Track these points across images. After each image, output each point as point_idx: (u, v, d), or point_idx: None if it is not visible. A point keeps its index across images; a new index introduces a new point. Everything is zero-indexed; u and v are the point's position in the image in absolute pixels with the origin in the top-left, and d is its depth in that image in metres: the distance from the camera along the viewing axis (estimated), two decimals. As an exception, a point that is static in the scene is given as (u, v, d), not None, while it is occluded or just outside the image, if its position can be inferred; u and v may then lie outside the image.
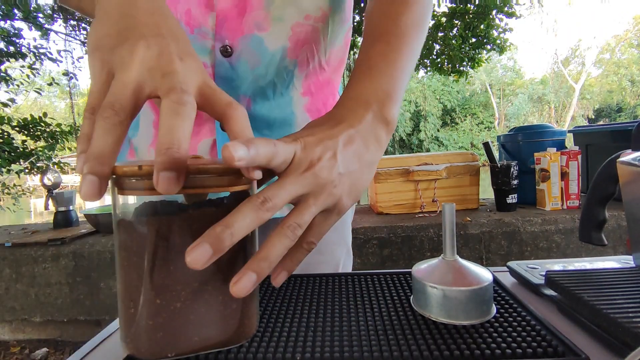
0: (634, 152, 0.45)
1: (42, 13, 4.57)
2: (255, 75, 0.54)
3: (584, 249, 1.58)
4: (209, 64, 0.53)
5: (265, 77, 0.55)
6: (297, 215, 0.33)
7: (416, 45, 0.48)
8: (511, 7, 5.13)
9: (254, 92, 0.56)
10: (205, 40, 0.52)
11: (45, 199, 1.95)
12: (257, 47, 0.53)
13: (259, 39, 0.52)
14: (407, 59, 0.45)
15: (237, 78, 0.54)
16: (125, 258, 0.32)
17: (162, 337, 0.31)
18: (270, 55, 0.54)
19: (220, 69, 0.53)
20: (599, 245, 0.51)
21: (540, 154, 1.66)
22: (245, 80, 0.55)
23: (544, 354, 0.31)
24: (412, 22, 0.47)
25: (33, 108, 23.54)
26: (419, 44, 0.49)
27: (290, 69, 0.56)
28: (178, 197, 0.32)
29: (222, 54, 0.52)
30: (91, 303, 1.73)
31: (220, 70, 0.53)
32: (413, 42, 0.47)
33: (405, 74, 0.45)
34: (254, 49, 0.53)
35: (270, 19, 0.52)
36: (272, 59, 0.54)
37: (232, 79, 0.54)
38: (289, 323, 0.39)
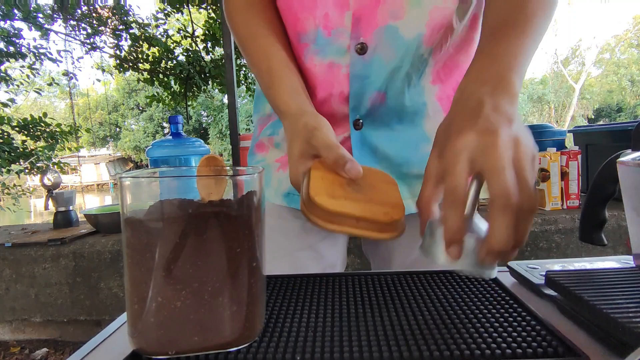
0: (634, 152, 0.45)
1: (42, 13, 4.57)
2: (390, 69, 0.55)
3: (584, 249, 1.58)
4: (344, 64, 0.56)
5: (400, 69, 0.55)
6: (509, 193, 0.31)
7: (541, 29, 0.47)
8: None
9: (388, 86, 0.56)
10: (341, 41, 0.54)
11: (45, 199, 1.95)
12: (391, 38, 0.53)
13: (393, 28, 0.52)
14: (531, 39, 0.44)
15: (372, 74, 0.55)
16: (130, 255, 0.32)
17: (163, 334, 0.32)
18: (406, 45, 0.53)
19: (355, 67, 0.55)
20: (599, 245, 0.51)
21: (540, 153, 1.67)
22: (380, 76, 0.55)
23: (544, 354, 0.31)
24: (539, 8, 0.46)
25: (33, 108, 23.55)
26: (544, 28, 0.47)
27: (424, 57, 0.56)
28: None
29: (357, 52, 0.54)
30: (91, 303, 1.73)
31: (355, 69, 0.55)
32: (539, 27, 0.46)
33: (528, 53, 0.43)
34: (388, 40, 0.53)
35: (407, 5, 0.51)
36: (408, 49, 0.54)
37: (366, 76, 0.56)
38: (288, 324, 0.39)
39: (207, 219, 0.32)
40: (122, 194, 0.32)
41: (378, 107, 0.58)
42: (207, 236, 0.32)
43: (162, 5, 4.91)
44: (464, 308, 0.40)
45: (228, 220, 0.33)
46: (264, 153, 0.69)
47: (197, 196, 0.35)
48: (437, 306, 0.41)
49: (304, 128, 0.47)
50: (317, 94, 0.59)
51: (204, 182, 0.36)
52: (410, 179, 0.62)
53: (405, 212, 0.42)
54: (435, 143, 0.40)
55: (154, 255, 0.31)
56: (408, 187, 0.62)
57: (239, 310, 0.33)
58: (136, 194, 0.33)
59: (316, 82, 0.58)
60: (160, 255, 0.31)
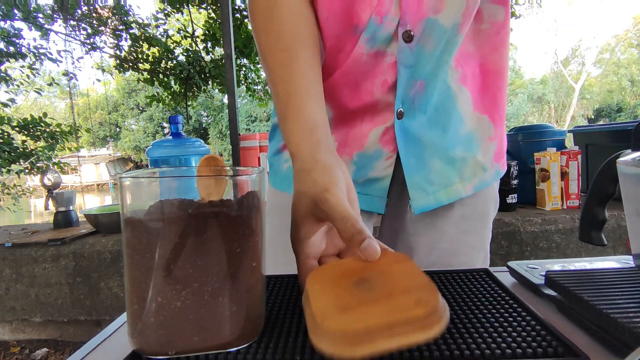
0: (634, 152, 0.45)
1: (42, 13, 4.57)
2: (432, 58, 0.56)
3: (584, 249, 1.58)
4: (389, 52, 0.56)
5: (439, 58, 0.56)
6: None
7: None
8: (511, 7, 5.14)
9: (427, 75, 0.57)
10: (390, 28, 0.54)
11: (45, 199, 1.95)
12: (433, 28, 0.54)
13: (433, 20, 0.54)
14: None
15: (417, 63, 0.56)
16: (130, 255, 0.32)
17: (162, 334, 0.32)
18: (445, 34, 0.55)
19: (403, 55, 0.56)
20: (599, 245, 0.51)
21: (540, 153, 1.67)
22: (425, 66, 0.56)
23: (544, 354, 0.31)
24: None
25: (33, 108, 23.55)
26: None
27: (455, 44, 0.57)
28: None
29: (405, 39, 0.55)
30: (91, 303, 1.73)
31: (402, 56, 0.56)
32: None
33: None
34: (430, 30, 0.54)
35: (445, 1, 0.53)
36: (446, 38, 0.55)
37: (412, 65, 0.56)
38: (288, 324, 0.39)
39: (207, 219, 0.32)
40: (122, 194, 0.32)
41: (419, 96, 0.59)
42: (207, 236, 0.32)
43: (162, 5, 4.91)
44: (464, 308, 0.40)
45: (228, 220, 0.33)
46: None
47: (197, 196, 0.35)
48: (437, 306, 0.41)
49: (314, 186, 0.41)
50: (361, 84, 0.59)
51: (204, 182, 0.36)
52: (457, 161, 0.63)
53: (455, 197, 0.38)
54: None
55: (154, 255, 0.31)
56: (457, 171, 0.63)
57: (239, 311, 0.33)
58: (136, 194, 0.33)
59: (362, 73, 0.58)
60: (160, 256, 0.31)
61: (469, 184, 0.64)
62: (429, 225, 0.67)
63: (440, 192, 0.63)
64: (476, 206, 0.67)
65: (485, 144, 0.64)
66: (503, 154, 0.68)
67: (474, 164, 0.64)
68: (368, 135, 0.61)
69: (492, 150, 0.65)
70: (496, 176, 0.68)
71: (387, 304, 0.31)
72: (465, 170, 0.64)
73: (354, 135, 0.62)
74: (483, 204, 0.68)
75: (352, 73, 0.58)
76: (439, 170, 0.62)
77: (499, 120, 0.65)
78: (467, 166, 0.64)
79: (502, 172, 0.69)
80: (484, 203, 0.68)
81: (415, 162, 0.62)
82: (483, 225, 0.69)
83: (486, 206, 0.69)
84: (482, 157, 0.64)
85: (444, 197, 0.63)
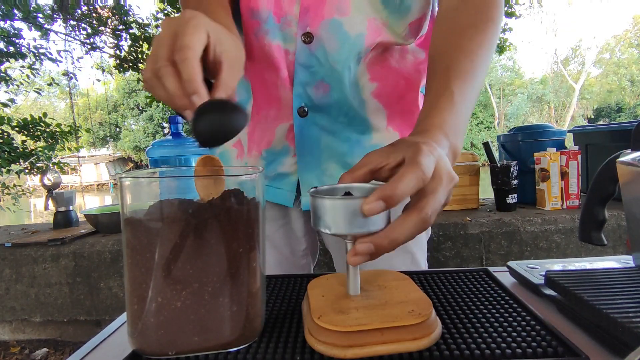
0: (633, 152, 0.45)
1: (41, 13, 4.57)
2: (333, 60, 0.57)
3: (584, 249, 1.58)
4: (291, 50, 0.57)
5: (342, 63, 0.57)
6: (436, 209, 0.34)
7: (482, 83, 0.52)
8: (511, 7, 5.13)
9: (331, 77, 0.58)
10: (289, 28, 0.56)
11: (45, 199, 1.95)
12: (336, 31, 0.55)
13: (338, 22, 0.55)
14: (475, 97, 0.49)
15: (316, 64, 0.57)
16: (130, 256, 0.32)
17: (163, 334, 0.32)
18: (350, 41, 0.56)
19: (301, 55, 0.57)
20: (598, 245, 0.51)
21: (540, 153, 1.67)
22: (324, 67, 0.57)
23: (544, 354, 0.31)
24: (484, 62, 0.51)
25: (33, 108, 23.55)
26: (483, 81, 0.52)
27: (364, 56, 0.58)
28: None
29: (304, 41, 0.56)
30: (91, 303, 1.73)
31: (300, 56, 0.57)
32: (481, 81, 0.51)
33: (471, 110, 0.49)
34: (333, 33, 0.55)
35: (351, 4, 0.55)
36: (351, 46, 0.56)
37: (311, 65, 0.58)
38: (288, 324, 0.39)
39: (206, 219, 0.32)
40: (122, 194, 0.32)
41: (323, 98, 0.60)
42: (207, 236, 0.32)
43: (162, 5, 4.90)
44: (464, 308, 0.40)
45: (228, 221, 0.33)
46: None
47: (197, 196, 0.35)
48: (437, 306, 0.41)
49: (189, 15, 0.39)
50: (268, 77, 0.60)
51: (203, 183, 0.36)
52: None
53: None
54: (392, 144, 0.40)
55: (154, 255, 0.31)
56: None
57: (239, 311, 0.33)
58: (136, 194, 0.33)
59: (268, 65, 0.59)
60: (160, 256, 0.31)
61: None
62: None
63: None
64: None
65: None
66: None
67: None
68: (275, 131, 0.63)
69: None
70: None
71: (381, 312, 0.33)
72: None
73: (263, 131, 0.64)
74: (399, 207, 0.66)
75: (261, 62, 0.60)
76: (332, 173, 0.63)
77: None
78: None
79: None
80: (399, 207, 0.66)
81: (311, 161, 0.63)
82: None
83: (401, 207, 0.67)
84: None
85: None
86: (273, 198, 0.67)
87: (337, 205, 0.34)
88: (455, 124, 0.44)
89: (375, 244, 0.33)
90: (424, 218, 0.33)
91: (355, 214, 0.33)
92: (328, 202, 0.34)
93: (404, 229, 0.33)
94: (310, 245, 0.75)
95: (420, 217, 0.33)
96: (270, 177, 0.67)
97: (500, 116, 25.54)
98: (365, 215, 0.32)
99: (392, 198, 0.32)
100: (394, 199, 0.32)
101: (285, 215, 0.70)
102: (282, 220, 0.70)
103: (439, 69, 0.50)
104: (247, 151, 0.67)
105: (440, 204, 0.35)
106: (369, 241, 0.33)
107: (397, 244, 0.33)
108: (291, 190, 0.66)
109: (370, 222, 0.33)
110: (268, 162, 0.65)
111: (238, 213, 0.34)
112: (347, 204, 0.33)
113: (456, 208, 1.77)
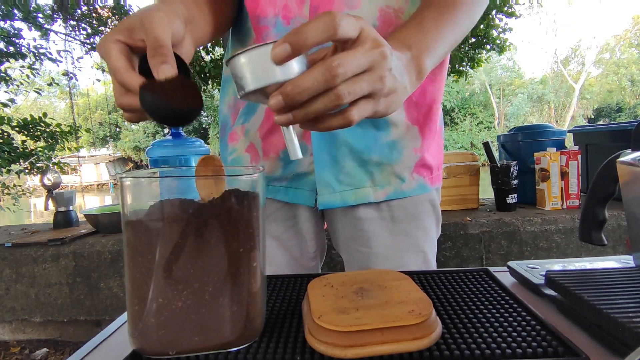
0: (633, 152, 0.45)
1: (41, 13, 4.56)
2: None
3: (584, 249, 1.58)
4: None
5: None
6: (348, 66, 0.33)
7: (465, 19, 0.51)
8: (511, 7, 5.13)
9: None
10: None
11: (45, 199, 1.95)
12: None
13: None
14: (453, 32, 0.49)
15: None
16: (131, 256, 0.32)
17: (164, 335, 0.32)
18: None
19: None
20: (599, 245, 0.51)
21: (540, 153, 1.67)
22: None
23: (544, 354, 0.31)
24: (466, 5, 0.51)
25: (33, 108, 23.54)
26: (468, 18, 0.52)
27: None
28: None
29: None
30: (91, 303, 1.73)
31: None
32: (462, 15, 0.51)
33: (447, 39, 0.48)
34: None
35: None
36: None
37: None
38: (288, 324, 0.39)
39: (207, 219, 0.32)
40: (123, 194, 0.32)
41: None
42: (207, 236, 0.32)
43: (162, 5, 4.90)
44: (464, 308, 0.40)
45: (228, 221, 0.33)
46: (234, 143, 0.70)
47: (197, 196, 0.35)
48: (437, 306, 0.41)
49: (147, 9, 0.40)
50: None
51: (203, 182, 0.36)
52: (370, 165, 0.63)
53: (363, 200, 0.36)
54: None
55: (154, 255, 0.31)
56: (369, 175, 0.64)
57: (239, 311, 0.33)
58: (136, 194, 0.33)
59: None
60: (161, 256, 0.31)
61: (381, 190, 0.64)
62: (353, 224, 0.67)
63: (348, 193, 0.64)
64: (405, 207, 0.66)
65: (408, 154, 0.64)
66: (430, 167, 0.67)
67: (389, 171, 0.64)
68: None
69: (414, 162, 0.65)
70: (419, 189, 0.66)
71: (382, 312, 0.33)
72: (378, 176, 0.64)
73: (279, 132, 0.63)
74: (414, 206, 0.67)
75: None
76: (350, 171, 0.63)
77: (428, 134, 0.65)
78: (381, 172, 0.64)
79: (429, 187, 0.68)
80: (415, 205, 0.67)
81: (328, 159, 0.63)
82: (416, 226, 0.67)
83: (418, 208, 0.67)
84: (399, 166, 0.64)
85: (351, 197, 0.64)
86: (293, 199, 0.66)
87: (250, 56, 0.33)
88: (420, 39, 0.44)
89: (283, 93, 0.33)
90: (329, 65, 0.32)
91: (267, 64, 0.33)
92: (241, 57, 0.34)
93: (310, 76, 0.32)
94: (320, 247, 0.75)
95: (325, 65, 0.32)
96: (288, 178, 0.66)
97: (500, 116, 25.54)
98: (275, 63, 0.32)
99: (299, 42, 0.32)
100: (300, 42, 0.32)
101: (295, 216, 0.70)
102: (292, 221, 0.70)
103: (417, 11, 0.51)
104: (262, 155, 0.66)
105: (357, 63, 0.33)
106: (278, 92, 0.33)
107: (303, 91, 0.32)
108: (311, 189, 0.65)
109: (283, 72, 0.33)
110: (286, 163, 0.65)
111: (238, 213, 0.34)
112: (259, 51, 0.33)
113: (456, 208, 1.78)
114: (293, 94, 0.32)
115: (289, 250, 0.71)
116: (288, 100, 0.33)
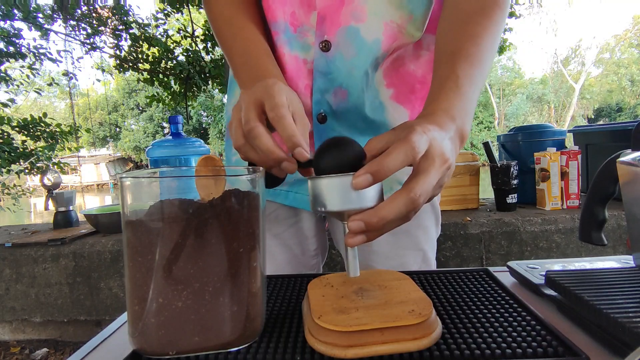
0: (633, 152, 0.45)
1: (41, 13, 4.56)
2: (350, 66, 0.57)
3: (584, 249, 1.58)
4: (309, 59, 0.59)
5: (359, 69, 0.58)
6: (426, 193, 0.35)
7: (489, 67, 0.52)
8: (511, 7, 5.13)
9: (349, 83, 0.59)
10: (306, 38, 0.58)
11: (45, 199, 1.95)
12: (353, 38, 0.56)
13: (355, 29, 0.56)
14: (482, 81, 0.50)
15: (335, 70, 0.58)
16: (131, 256, 0.32)
17: (164, 335, 0.32)
18: (366, 47, 0.56)
19: (319, 63, 0.58)
20: (599, 245, 0.51)
21: (540, 153, 1.67)
22: (341, 73, 0.58)
23: (544, 354, 0.31)
24: (490, 46, 0.51)
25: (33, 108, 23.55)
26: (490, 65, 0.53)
27: (381, 61, 0.59)
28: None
29: (321, 49, 0.57)
30: (91, 303, 1.73)
31: (319, 64, 0.58)
32: (488, 65, 0.51)
33: (479, 94, 0.50)
34: (350, 40, 0.56)
35: (368, 10, 0.56)
36: (368, 51, 0.57)
37: (329, 72, 0.58)
38: (288, 324, 0.39)
39: (207, 219, 0.32)
40: (123, 194, 0.32)
41: (341, 104, 0.60)
42: (207, 236, 0.32)
43: (162, 5, 4.90)
44: (464, 308, 0.40)
45: (228, 221, 0.33)
46: None
47: (197, 196, 0.35)
48: (437, 306, 0.41)
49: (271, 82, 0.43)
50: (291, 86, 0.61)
51: (203, 182, 0.36)
52: None
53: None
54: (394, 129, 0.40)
55: (154, 255, 0.31)
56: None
57: (239, 311, 0.33)
58: (136, 194, 0.33)
59: (291, 75, 0.60)
60: (161, 256, 0.31)
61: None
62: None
63: None
64: None
65: None
66: None
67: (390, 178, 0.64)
68: None
69: None
70: None
71: (382, 312, 0.33)
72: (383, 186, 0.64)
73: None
74: None
75: (286, 72, 0.60)
76: None
77: None
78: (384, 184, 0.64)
79: None
80: None
81: None
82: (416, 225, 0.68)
83: None
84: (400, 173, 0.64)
85: None
86: (292, 202, 0.67)
87: (330, 183, 0.35)
88: (461, 106, 0.45)
89: (365, 220, 0.33)
90: (412, 197, 0.34)
91: (347, 190, 0.34)
92: (323, 181, 0.35)
93: (393, 206, 0.34)
94: (321, 245, 0.75)
95: (409, 196, 0.34)
96: (290, 183, 0.66)
97: (500, 116, 25.53)
98: (355, 189, 0.33)
99: (379, 172, 0.33)
100: (381, 173, 0.33)
101: (296, 215, 0.70)
102: (293, 220, 0.70)
103: (444, 53, 0.50)
104: None
105: (432, 185, 0.35)
106: (359, 218, 0.34)
107: (387, 222, 0.34)
108: None
109: (362, 198, 0.35)
110: None
111: (238, 213, 0.34)
112: (340, 180, 0.34)
113: (456, 208, 1.78)
114: (377, 225, 0.34)
115: (290, 248, 0.71)
116: (371, 227, 0.34)
